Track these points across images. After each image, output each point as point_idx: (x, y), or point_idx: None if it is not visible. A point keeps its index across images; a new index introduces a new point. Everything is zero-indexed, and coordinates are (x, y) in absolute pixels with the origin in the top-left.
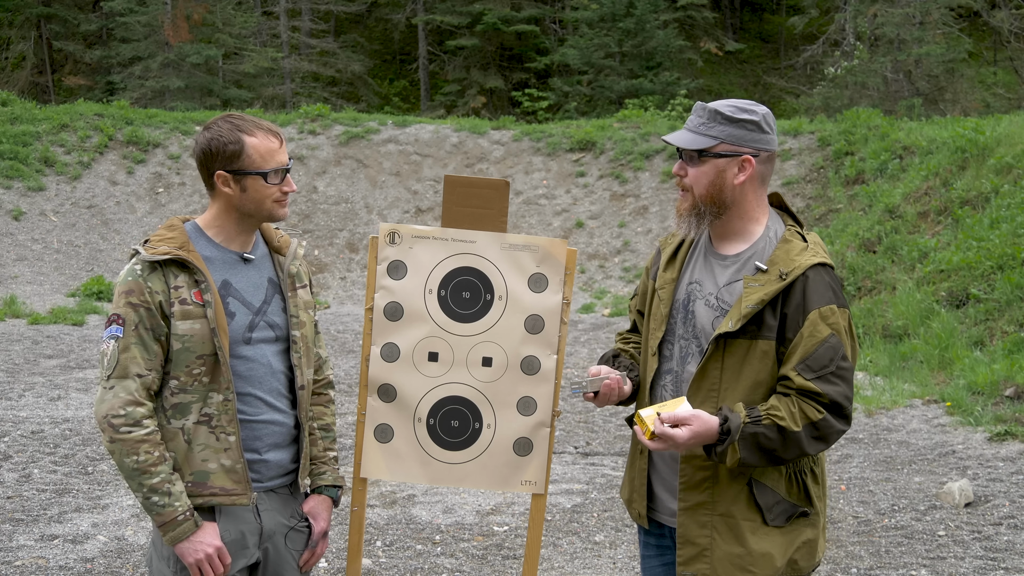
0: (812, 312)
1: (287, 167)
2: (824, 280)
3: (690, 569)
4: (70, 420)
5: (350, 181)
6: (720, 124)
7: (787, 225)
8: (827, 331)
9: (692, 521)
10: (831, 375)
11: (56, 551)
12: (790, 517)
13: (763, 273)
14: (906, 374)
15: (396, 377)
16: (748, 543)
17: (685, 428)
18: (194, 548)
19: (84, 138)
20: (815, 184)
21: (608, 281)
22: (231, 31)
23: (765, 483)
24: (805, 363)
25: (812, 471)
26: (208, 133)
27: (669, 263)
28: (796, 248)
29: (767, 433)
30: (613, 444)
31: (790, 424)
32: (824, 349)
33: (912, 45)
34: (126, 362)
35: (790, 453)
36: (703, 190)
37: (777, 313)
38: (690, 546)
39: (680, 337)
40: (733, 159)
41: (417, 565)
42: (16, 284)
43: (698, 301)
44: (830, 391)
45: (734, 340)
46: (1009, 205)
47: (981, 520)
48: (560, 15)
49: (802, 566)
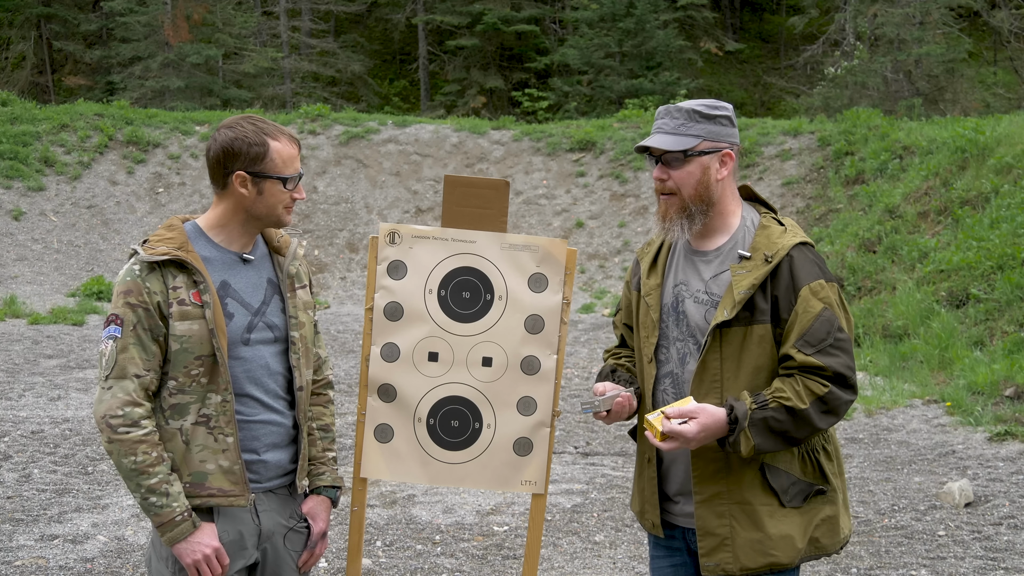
0: (803, 289)
1: (301, 174)
2: (808, 257)
3: (713, 560)
4: (70, 420)
5: (350, 181)
6: (699, 122)
7: (761, 213)
8: (820, 305)
9: (710, 512)
10: (830, 347)
11: (56, 551)
12: (807, 496)
13: (747, 260)
14: (906, 374)
15: (396, 377)
16: (767, 527)
17: (693, 423)
18: (192, 549)
19: (84, 138)
20: (815, 184)
21: (608, 281)
22: (231, 31)
23: (778, 466)
24: (803, 339)
25: (824, 449)
26: (231, 132)
27: (651, 270)
28: (776, 232)
29: (776, 416)
30: (613, 444)
31: (797, 403)
32: (820, 323)
33: (912, 45)
34: (124, 362)
35: (802, 432)
36: (691, 190)
37: (768, 296)
38: (710, 537)
39: (675, 339)
40: (714, 155)
41: (417, 565)
42: (16, 284)
43: (687, 300)
44: (832, 363)
45: (729, 329)
46: (1009, 205)
47: (981, 520)
48: (560, 15)
49: (825, 543)
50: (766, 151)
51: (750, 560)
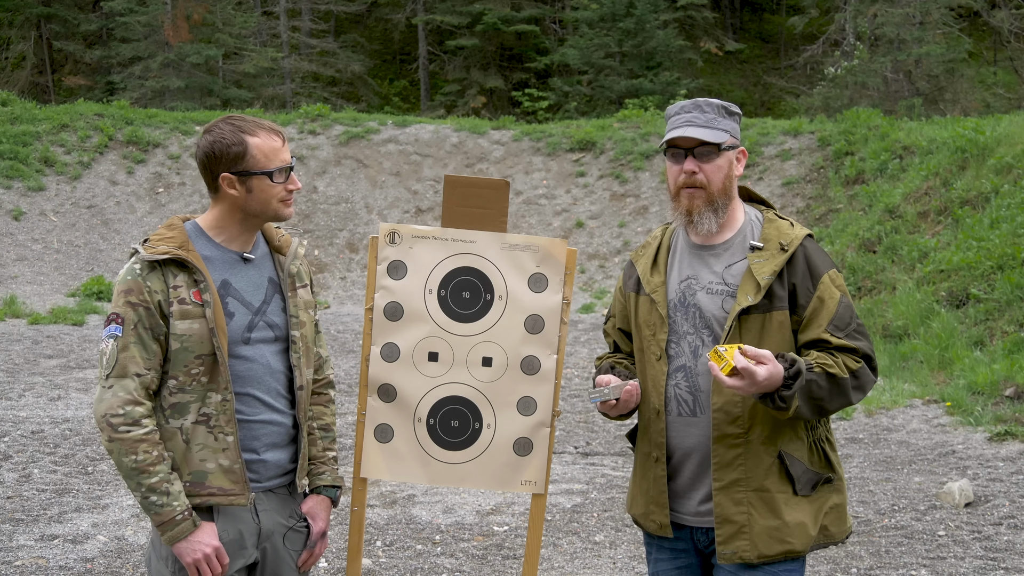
0: (824, 276)
1: (291, 165)
2: (818, 248)
3: (730, 547)
4: (70, 420)
5: (350, 181)
6: (726, 118)
7: (761, 210)
8: (838, 293)
9: (728, 499)
10: (855, 332)
11: (56, 551)
12: (816, 485)
13: (761, 250)
14: (906, 374)
15: (396, 377)
16: (783, 515)
17: (762, 367)
18: (192, 548)
19: (84, 138)
20: (815, 184)
21: (608, 281)
22: (231, 31)
23: (793, 454)
24: (833, 324)
25: (828, 439)
26: (210, 136)
27: (652, 269)
28: (784, 225)
29: (819, 381)
30: (613, 444)
31: (839, 371)
32: (843, 309)
33: (912, 45)
34: (125, 361)
35: (836, 403)
36: (720, 184)
37: (785, 284)
38: (728, 524)
39: (686, 334)
40: (735, 151)
41: (417, 565)
42: (16, 284)
43: (699, 293)
44: (861, 345)
45: (749, 316)
46: (1009, 205)
47: (981, 520)
48: (560, 15)
49: (833, 532)
50: (766, 151)
51: (767, 547)
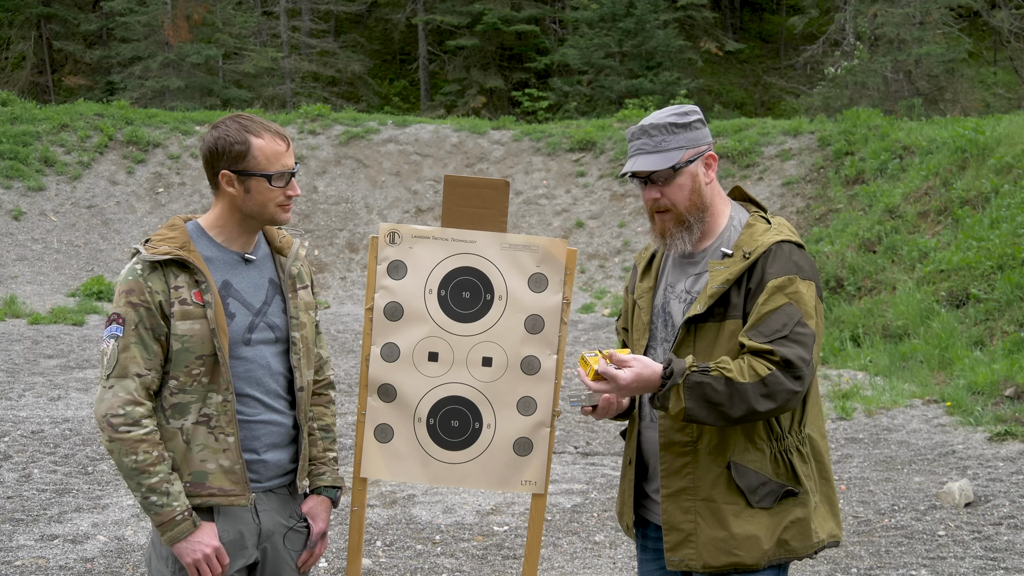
0: (769, 283)
1: (292, 171)
2: (785, 253)
3: (677, 555)
4: (70, 420)
5: (350, 181)
6: (676, 133)
7: (750, 212)
8: (783, 300)
9: (676, 507)
10: (784, 339)
11: (56, 551)
12: (778, 497)
13: (728, 257)
14: (906, 374)
15: (396, 377)
16: (731, 527)
17: (627, 370)
18: (192, 548)
19: (84, 138)
20: (815, 184)
21: (608, 281)
22: (231, 31)
23: (747, 465)
24: (757, 329)
25: (798, 450)
26: (216, 132)
27: (645, 274)
28: (760, 230)
29: (714, 384)
30: (613, 444)
31: (737, 376)
32: (778, 315)
33: (912, 45)
34: (126, 361)
35: (737, 409)
36: (686, 202)
37: (742, 292)
38: (675, 532)
39: (662, 340)
40: (699, 161)
41: (417, 565)
42: (16, 284)
43: (672, 301)
44: (782, 350)
45: (703, 324)
46: (1009, 205)
47: (981, 520)
48: (560, 15)
49: (795, 547)
50: (766, 151)
51: (713, 558)
